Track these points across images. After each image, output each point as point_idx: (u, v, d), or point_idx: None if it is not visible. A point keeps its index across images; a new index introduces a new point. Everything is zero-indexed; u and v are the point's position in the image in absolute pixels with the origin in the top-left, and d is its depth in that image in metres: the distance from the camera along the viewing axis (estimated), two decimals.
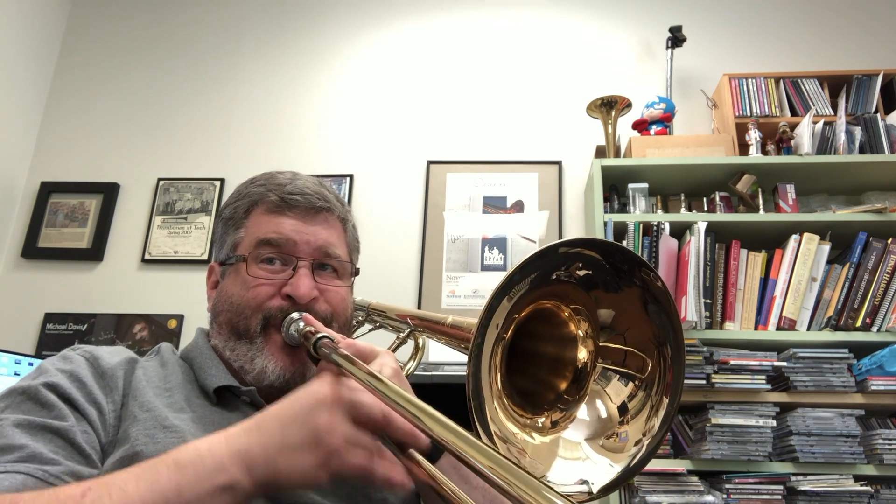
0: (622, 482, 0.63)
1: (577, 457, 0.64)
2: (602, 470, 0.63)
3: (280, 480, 0.56)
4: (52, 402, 0.69)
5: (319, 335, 0.72)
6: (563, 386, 0.70)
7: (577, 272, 0.64)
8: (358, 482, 0.68)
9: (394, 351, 0.78)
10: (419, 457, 0.60)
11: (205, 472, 0.55)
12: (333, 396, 0.59)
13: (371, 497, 0.77)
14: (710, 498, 1.83)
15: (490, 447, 0.44)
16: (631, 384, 0.66)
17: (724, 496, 1.83)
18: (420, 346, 0.84)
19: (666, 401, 0.64)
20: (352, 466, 0.57)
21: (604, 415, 0.67)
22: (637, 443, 0.63)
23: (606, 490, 0.62)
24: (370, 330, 1.04)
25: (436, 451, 0.71)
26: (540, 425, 0.66)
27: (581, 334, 0.69)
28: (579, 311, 0.68)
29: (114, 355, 0.80)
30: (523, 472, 0.39)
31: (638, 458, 0.63)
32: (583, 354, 0.69)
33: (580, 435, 0.66)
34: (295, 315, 0.80)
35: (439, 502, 0.67)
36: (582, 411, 0.67)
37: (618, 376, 0.67)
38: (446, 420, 0.48)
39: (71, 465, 0.64)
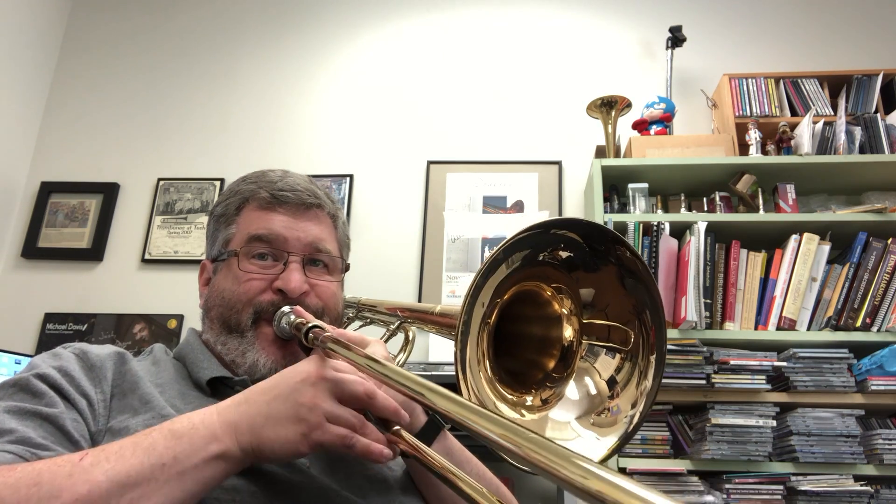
0: (621, 447, 0.65)
1: (564, 436, 0.65)
2: (594, 444, 0.64)
3: (264, 449, 0.61)
4: (42, 391, 0.70)
5: (311, 324, 0.73)
6: (551, 364, 0.71)
7: (560, 254, 0.66)
8: (339, 453, 0.72)
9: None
10: (403, 432, 0.65)
11: (199, 441, 0.59)
12: (318, 375, 0.63)
13: (370, 478, 0.78)
14: (710, 498, 1.83)
15: (497, 413, 0.44)
16: (618, 356, 0.68)
17: (724, 496, 1.83)
18: (410, 338, 0.85)
19: (653, 359, 0.66)
20: (331, 439, 0.61)
21: (593, 391, 0.68)
22: (632, 407, 0.66)
23: (604, 460, 0.63)
24: (360, 326, 1.04)
25: (427, 436, 0.73)
26: (530, 403, 0.68)
27: (565, 312, 0.70)
28: (561, 290, 0.70)
29: (102, 349, 0.81)
30: (537, 435, 0.38)
31: (636, 419, 0.66)
32: (568, 333, 0.70)
33: (570, 414, 0.67)
34: (286, 308, 0.81)
35: (429, 476, 0.75)
36: (571, 389, 0.69)
37: (604, 350, 0.69)
38: (449, 393, 0.49)
39: (59, 450, 0.65)
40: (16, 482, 0.53)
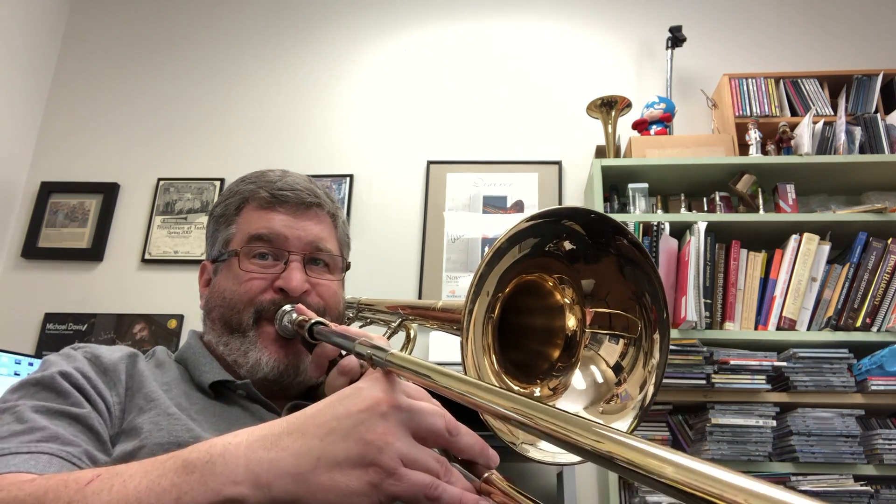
0: (638, 425, 0.65)
1: None
2: None
3: (309, 501, 0.47)
4: (67, 391, 0.70)
5: (314, 320, 0.73)
6: (556, 354, 0.71)
7: (564, 245, 0.67)
8: None
9: None
10: (495, 477, 0.51)
11: (212, 481, 0.48)
12: (389, 403, 0.49)
13: None
14: None
15: (520, 395, 0.43)
16: (621, 341, 0.68)
17: None
18: (411, 335, 0.84)
19: (657, 336, 0.66)
20: (411, 490, 0.47)
21: (600, 379, 0.68)
22: (641, 389, 0.66)
23: None
24: (361, 326, 1.04)
25: None
26: (538, 394, 0.68)
27: (568, 302, 0.71)
28: (563, 281, 0.70)
29: (114, 351, 0.81)
30: (546, 405, 0.38)
31: (649, 396, 0.66)
32: (571, 322, 0.71)
33: (578, 405, 0.67)
34: (287, 307, 0.81)
35: None
36: (577, 378, 0.69)
37: (608, 338, 0.69)
38: (457, 374, 0.45)
39: (89, 449, 0.65)
40: (24, 498, 0.52)
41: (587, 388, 0.68)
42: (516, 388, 0.67)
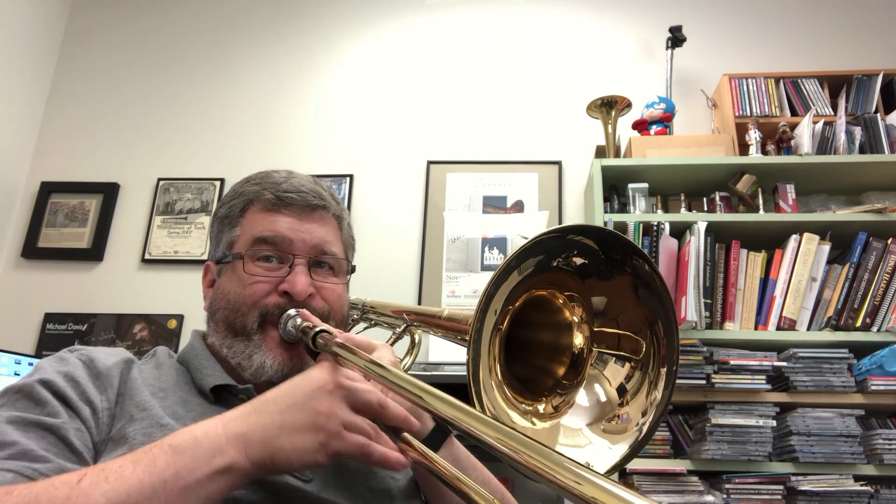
0: (632, 457, 0.65)
1: (577, 443, 0.65)
2: (607, 452, 0.64)
3: (278, 461, 0.59)
4: (45, 400, 0.69)
5: (318, 329, 0.73)
6: (561, 371, 0.71)
7: (574, 260, 0.66)
8: (356, 462, 0.71)
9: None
10: (412, 439, 0.65)
11: (202, 456, 0.57)
12: (333, 383, 0.63)
13: (373, 488, 0.78)
14: (710, 498, 1.83)
15: (495, 419, 0.45)
16: (627, 365, 0.68)
17: (724, 496, 1.83)
18: (416, 341, 0.84)
19: (664, 371, 0.66)
20: (350, 448, 0.60)
21: (603, 398, 0.68)
22: (643, 415, 0.66)
23: (615, 468, 0.64)
24: (365, 328, 1.04)
25: (434, 441, 0.73)
26: (541, 411, 0.68)
27: (576, 320, 0.70)
28: (573, 298, 0.70)
29: (110, 356, 0.80)
30: (533, 441, 0.39)
31: (646, 430, 0.65)
32: (579, 340, 0.70)
33: (581, 421, 0.67)
34: (292, 312, 0.81)
35: (435, 483, 0.75)
36: (581, 396, 0.69)
37: (614, 359, 0.69)
38: (449, 398, 0.49)
39: (61, 462, 0.64)
40: None
41: (590, 406, 0.68)
42: (520, 403, 0.67)
